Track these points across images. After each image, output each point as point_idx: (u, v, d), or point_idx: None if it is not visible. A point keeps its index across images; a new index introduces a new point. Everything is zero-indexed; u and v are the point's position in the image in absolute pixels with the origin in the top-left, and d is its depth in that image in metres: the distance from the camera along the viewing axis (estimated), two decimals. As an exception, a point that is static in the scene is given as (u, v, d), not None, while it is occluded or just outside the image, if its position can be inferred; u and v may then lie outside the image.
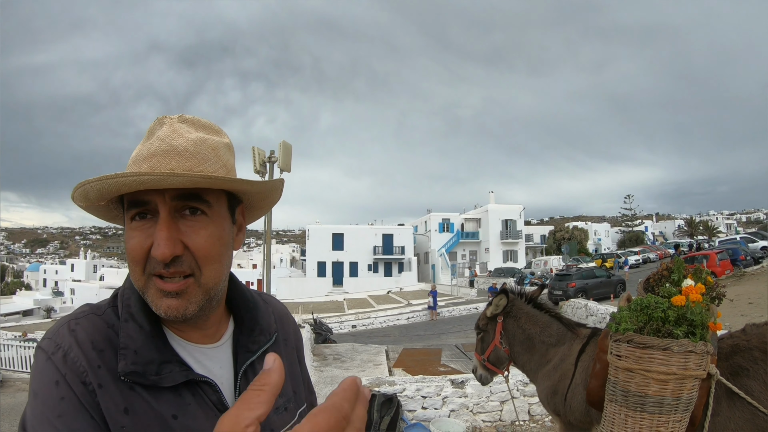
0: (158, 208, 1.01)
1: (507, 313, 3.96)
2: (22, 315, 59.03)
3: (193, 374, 1.05)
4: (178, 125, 1.07)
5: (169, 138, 1.03)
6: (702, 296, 2.78)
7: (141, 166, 1.01)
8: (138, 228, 1.02)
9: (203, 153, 1.05)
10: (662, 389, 2.55)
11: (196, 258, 1.03)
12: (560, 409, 3.53)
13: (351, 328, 30.02)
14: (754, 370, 2.80)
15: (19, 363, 19.14)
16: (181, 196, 1.02)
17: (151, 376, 0.99)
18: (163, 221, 1.00)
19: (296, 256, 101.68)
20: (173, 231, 1.01)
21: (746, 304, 16.03)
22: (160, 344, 1.04)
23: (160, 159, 1.01)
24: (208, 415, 1.05)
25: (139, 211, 1.02)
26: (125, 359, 0.98)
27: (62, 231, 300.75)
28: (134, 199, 1.01)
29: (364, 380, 8.19)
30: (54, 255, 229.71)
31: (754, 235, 42.36)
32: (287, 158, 15.35)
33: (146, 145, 1.04)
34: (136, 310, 1.05)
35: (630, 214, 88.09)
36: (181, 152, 1.02)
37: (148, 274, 1.02)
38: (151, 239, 1.00)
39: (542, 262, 52.87)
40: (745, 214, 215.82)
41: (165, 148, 1.02)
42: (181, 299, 1.02)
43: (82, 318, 1.04)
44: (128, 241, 1.02)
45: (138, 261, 1.01)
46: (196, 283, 1.04)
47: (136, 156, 1.04)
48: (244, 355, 1.18)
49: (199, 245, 1.03)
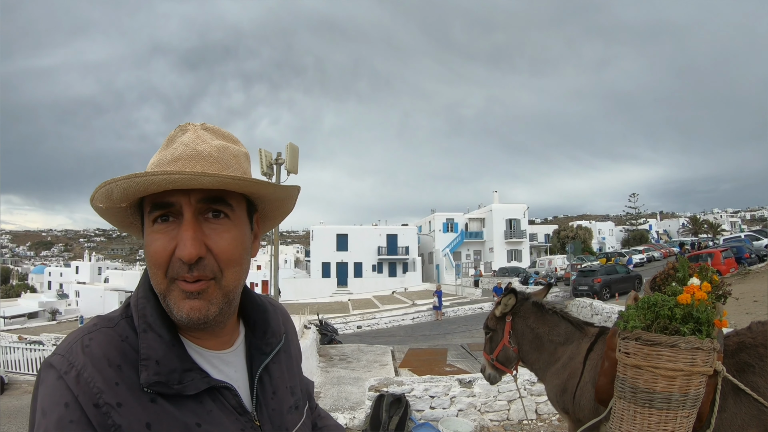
0: (183, 209, 1.02)
1: (515, 313, 3.98)
2: (27, 317, 58.99)
3: (214, 380, 1.07)
4: (202, 132, 1.10)
5: (193, 143, 1.06)
6: (708, 294, 2.82)
7: (166, 169, 1.02)
8: (161, 231, 1.03)
9: (226, 159, 1.08)
10: (670, 385, 2.58)
11: (218, 261, 1.04)
12: (569, 407, 3.55)
13: (356, 329, 29.97)
14: (759, 366, 2.83)
15: (25, 365, 19.21)
16: (206, 199, 1.04)
17: (175, 385, 1.00)
18: (189, 222, 1.02)
19: (300, 257, 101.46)
20: (198, 232, 1.02)
21: (751, 301, 16.00)
22: (180, 353, 1.05)
23: (186, 162, 1.03)
24: (230, 420, 1.08)
25: (163, 213, 1.03)
26: (147, 370, 0.98)
27: (66, 233, 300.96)
28: (159, 200, 1.02)
29: (372, 380, 8.22)
30: (58, 257, 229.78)
31: (758, 232, 42.26)
32: (294, 160, 15.37)
33: (169, 150, 1.06)
34: (153, 320, 1.05)
35: (634, 213, 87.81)
36: (206, 157, 1.04)
37: (170, 278, 1.03)
38: (175, 242, 1.01)
39: (546, 261, 52.66)
40: (749, 212, 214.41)
41: (190, 153, 1.04)
42: (202, 300, 1.03)
43: (96, 332, 1.03)
44: (151, 244, 1.03)
45: (161, 264, 1.02)
46: (217, 285, 1.05)
47: (159, 160, 1.06)
48: (259, 358, 1.22)
49: (222, 248, 1.05)
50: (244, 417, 1.11)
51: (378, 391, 7.74)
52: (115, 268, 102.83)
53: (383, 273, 65.25)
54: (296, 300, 48.83)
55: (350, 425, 7.64)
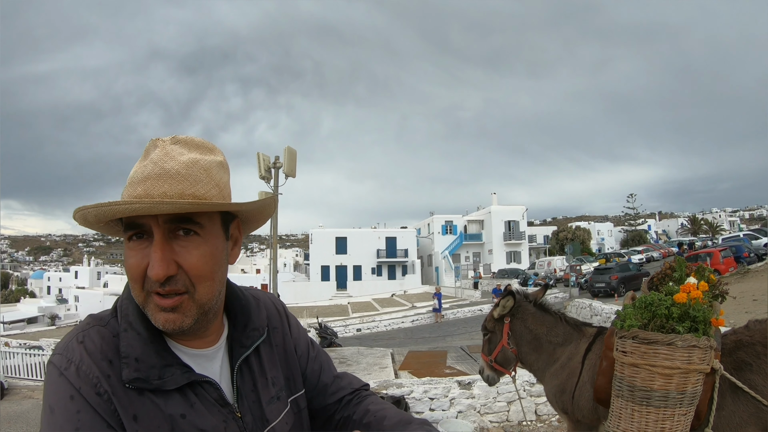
0: (152, 230, 1.07)
1: (513, 314, 3.99)
2: (26, 323, 59.06)
3: (195, 375, 1.14)
4: (170, 147, 1.12)
5: (161, 161, 1.08)
6: (704, 294, 2.83)
7: (136, 188, 1.07)
8: (135, 248, 1.09)
9: (195, 175, 1.10)
10: (667, 383, 2.60)
11: (189, 276, 1.09)
12: (568, 407, 3.57)
13: (356, 332, 29.99)
14: (757, 364, 2.85)
15: (25, 371, 19.16)
16: (174, 219, 1.08)
17: (155, 381, 1.07)
18: (157, 243, 1.06)
19: (300, 261, 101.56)
20: (167, 252, 1.07)
21: (750, 300, 15.98)
22: (160, 350, 1.12)
23: (154, 182, 1.06)
24: (212, 411, 1.14)
25: (135, 232, 1.08)
26: (128, 367, 1.06)
27: (65, 238, 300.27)
28: (130, 222, 1.07)
29: (372, 383, 8.22)
30: (58, 262, 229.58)
31: (757, 231, 42.25)
32: (292, 164, 15.42)
33: (141, 166, 1.10)
34: (133, 319, 1.13)
35: (633, 213, 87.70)
36: (173, 175, 1.07)
37: (147, 291, 1.08)
38: (148, 259, 1.07)
39: (546, 262, 52.64)
40: (747, 211, 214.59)
41: (158, 172, 1.07)
42: (177, 313, 1.09)
43: (89, 329, 1.12)
44: (127, 260, 1.09)
45: (136, 279, 1.08)
46: (190, 299, 1.10)
47: (131, 178, 1.10)
48: (239, 351, 1.28)
49: (192, 265, 1.09)
50: (226, 409, 1.17)
51: (377, 394, 7.72)
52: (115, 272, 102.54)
53: (382, 276, 65.33)
54: (296, 303, 48.88)
55: (350, 428, 7.63)
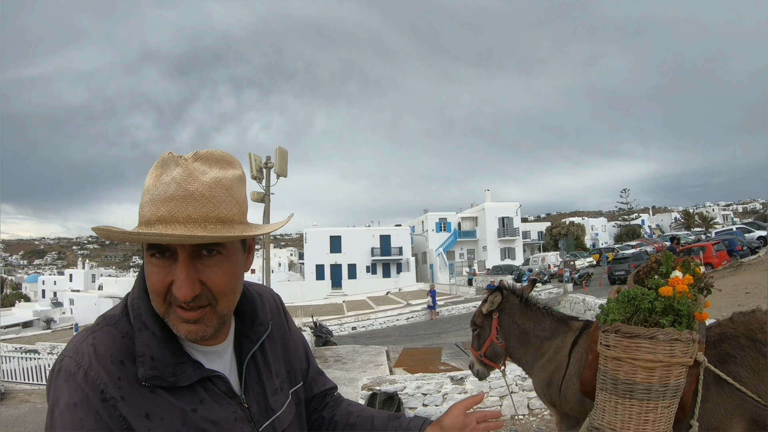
0: (177, 250, 1.09)
1: (502, 310, 4.04)
2: (21, 327, 58.83)
3: (206, 371, 1.18)
4: (193, 165, 1.11)
5: (184, 182, 1.08)
6: (690, 287, 2.86)
7: (159, 208, 1.07)
8: (158, 265, 1.10)
9: (218, 196, 1.11)
10: (650, 376, 2.63)
11: (213, 293, 1.13)
12: (555, 399, 3.60)
13: (351, 330, 30.00)
14: (741, 357, 2.89)
15: (21, 375, 19.11)
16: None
17: (169, 378, 1.11)
18: (183, 264, 1.08)
19: (294, 260, 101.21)
20: (192, 272, 1.09)
21: (743, 294, 16.04)
22: (173, 348, 1.15)
23: (178, 204, 1.07)
24: (222, 404, 1.20)
25: (159, 251, 1.10)
26: (143, 366, 1.09)
27: (59, 241, 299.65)
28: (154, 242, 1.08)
29: (366, 380, 8.26)
30: (52, 266, 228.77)
31: (750, 225, 42.37)
32: (283, 164, 15.44)
33: (162, 184, 1.09)
34: (147, 319, 1.15)
35: (626, 208, 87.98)
36: (197, 197, 1.08)
37: (168, 302, 1.11)
38: (172, 276, 1.09)
39: (540, 258, 52.71)
40: (741, 205, 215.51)
41: (181, 193, 1.07)
42: (199, 325, 1.12)
43: (99, 331, 1.14)
44: (150, 275, 1.12)
45: (159, 293, 1.10)
46: (212, 311, 1.14)
47: (153, 195, 1.09)
48: (248, 346, 1.33)
49: (216, 283, 1.12)
50: (234, 400, 1.23)
51: (371, 390, 7.78)
52: (109, 275, 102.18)
53: (377, 274, 65.32)
54: (291, 303, 48.78)
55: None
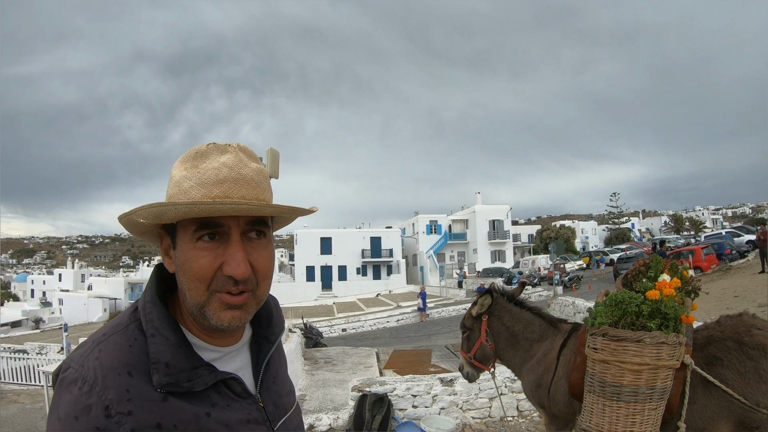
0: (230, 231, 1.11)
1: (491, 312, 4.07)
2: (10, 327, 58.42)
3: (220, 373, 1.16)
4: (241, 155, 1.17)
5: (237, 167, 1.13)
6: (677, 290, 2.90)
7: (212, 190, 1.10)
8: (206, 248, 1.10)
9: (263, 182, 1.17)
10: (636, 379, 2.67)
11: (257, 276, 1.15)
12: (544, 401, 3.63)
13: (341, 332, 29.94)
14: (728, 359, 2.93)
15: (10, 375, 19.02)
16: (252, 222, 1.14)
17: (184, 384, 1.08)
18: (238, 243, 1.11)
19: (285, 261, 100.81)
20: (245, 252, 1.12)
21: (732, 297, 16.17)
22: (188, 353, 1.13)
23: (231, 186, 1.11)
24: (235, 406, 1.17)
25: (210, 232, 1.10)
26: (158, 372, 1.06)
27: (49, 241, 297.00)
28: (210, 222, 1.09)
29: (356, 381, 8.27)
30: (41, 265, 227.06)
31: (739, 229, 42.57)
32: (275, 165, 15.36)
33: (210, 169, 1.12)
34: (160, 323, 1.12)
35: (617, 212, 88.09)
36: (248, 181, 1.13)
37: (212, 290, 1.11)
38: (221, 259, 1.10)
39: (530, 261, 52.69)
40: (730, 209, 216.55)
41: (235, 176, 1.12)
42: (242, 311, 1.13)
43: (105, 342, 1.10)
44: (196, 260, 1.10)
45: (206, 279, 1.10)
46: (253, 296, 1.15)
47: (201, 179, 1.11)
48: (266, 347, 1.33)
49: (261, 265, 1.15)
50: (248, 401, 1.21)
51: (361, 391, 7.79)
52: (99, 275, 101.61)
53: (368, 276, 65.28)
54: (281, 304, 48.51)
55: (334, 425, 7.67)
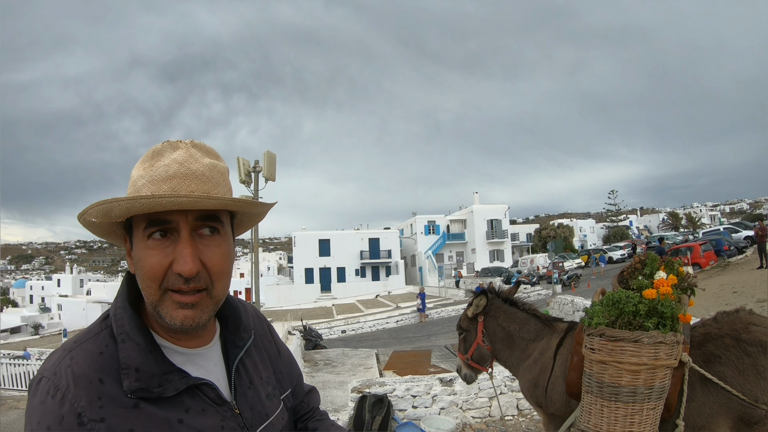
0: (179, 227, 1.10)
1: (486, 313, 4.06)
2: (9, 332, 58.41)
3: (192, 379, 1.15)
4: (193, 150, 1.16)
5: (187, 162, 1.13)
6: (673, 288, 2.89)
7: (161, 186, 1.10)
8: (156, 246, 1.10)
9: (215, 177, 1.17)
10: (635, 379, 2.65)
11: (210, 274, 1.13)
12: (542, 401, 3.62)
13: (341, 333, 29.97)
14: (725, 356, 2.92)
15: (9, 381, 19.02)
16: (202, 217, 1.13)
17: (155, 389, 1.07)
18: (186, 240, 1.10)
19: (283, 264, 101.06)
20: (195, 249, 1.11)
21: (730, 293, 16.18)
22: (158, 358, 1.12)
23: (180, 181, 1.10)
24: (209, 412, 1.16)
25: (160, 229, 1.10)
26: (128, 378, 1.05)
27: (47, 246, 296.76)
28: (157, 218, 1.09)
29: (356, 383, 8.26)
30: (39, 270, 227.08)
31: (737, 225, 42.62)
32: (271, 167, 15.45)
33: (161, 166, 1.12)
34: (130, 329, 1.11)
35: (614, 210, 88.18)
36: (199, 176, 1.13)
37: (164, 289, 1.10)
38: (171, 257, 1.09)
39: (529, 260, 52.63)
40: (728, 205, 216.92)
41: (184, 172, 1.11)
42: (195, 310, 1.11)
43: (76, 350, 1.09)
44: (146, 259, 1.09)
45: (156, 277, 1.09)
46: (208, 296, 1.14)
47: (152, 176, 1.11)
48: (234, 351, 1.32)
49: (214, 263, 1.14)
50: (223, 407, 1.19)
51: (360, 393, 7.76)
52: (97, 280, 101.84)
53: (366, 277, 65.20)
54: (280, 307, 48.74)
55: (334, 428, 7.66)
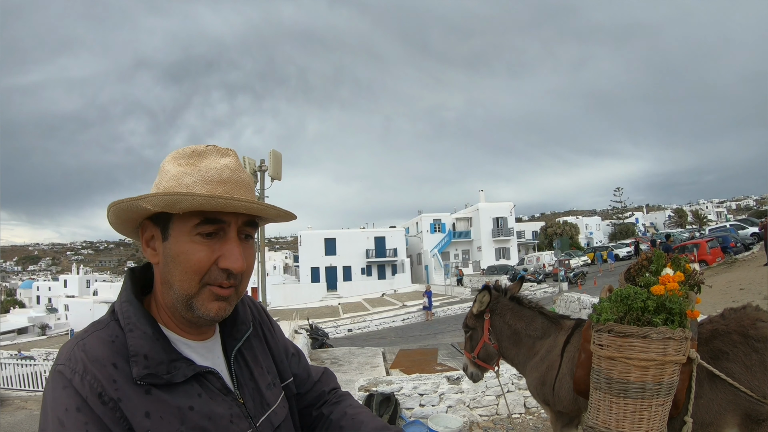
0: (229, 228, 1.20)
1: (493, 310, 4.06)
2: (17, 333, 58.64)
3: (199, 367, 1.21)
4: (238, 160, 1.28)
5: (238, 170, 1.23)
6: (680, 284, 2.88)
7: (216, 188, 1.18)
8: (206, 243, 1.18)
9: (253, 188, 1.30)
10: (643, 375, 2.65)
11: (243, 274, 1.23)
12: (549, 398, 3.62)
13: (347, 332, 29.96)
14: (733, 353, 2.91)
15: (17, 381, 19.08)
16: (247, 222, 1.23)
17: (164, 375, 1.13)
18: (236, 240, 1.21)
19: (289, 263, 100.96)
20: (241, 249, 1.22)
21: (737, 290, 16.12)
22: (165, 345, 1.18)
23: (233, 187, 1.20)
24: (217, 400, 1.22)
25: (213, 228, 1.18)
26: (138, 365, 1.11)
27: (53, 247, 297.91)
28: (213, 217, 1.17)
29: (362, 381, 8.26)
30: (46, 271, 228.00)
31: (743, 221, 42.52)
32: (277, 167, 15.44)
33: (212, 169, 1.20)
34: (137, 319, 1.17)
35: (620, 207, 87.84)
36: (247, 185, 1.24)
37: (204, 282, 1.18)
38: (217, 254, 1.18)
39: (535, 258, 52.53)
40: (734, 202, 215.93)
41: (236, 179, 1.22)
42: (227, 302, 1.22)
43: (88, 337, 1.15)
44: (194, 253, 1.16)
45: (201, 271, 1.17)
46: (236, 291, 1.24)
47: (204, 177, 1.19)
48: (232, 343, 1.39)
49: (249, 263, 1.25)
50: (229, 396, 1.26)
51: (368, 391, 7.77)
52: (104, 280, 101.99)
53: (372, 276, 65.27)
54: (286, 306, 48.82)
55: (341, 427, 7.67)
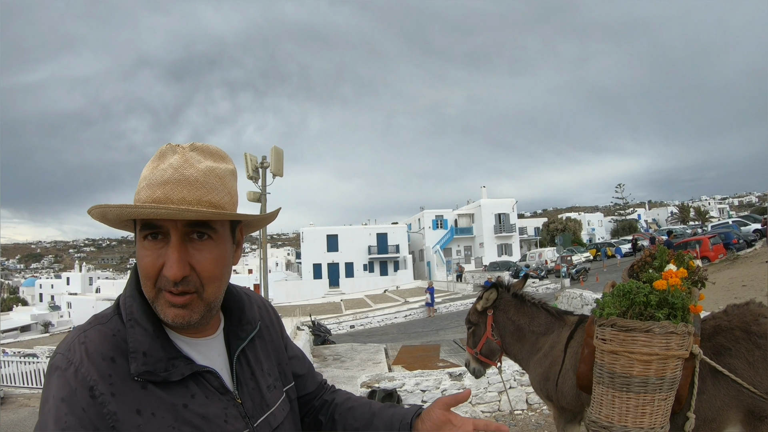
0: (170, 232, 1.14)
1: (496, 307, 4.05)
2: (20, 331, 58.71)
3: (197, 366, 1.20)
4: (190, 154, 1.19)
5: (181, 167, 1.16)
6: (683, 280, 2.88)
7: (155, 191, 1.14)
8: (150, 248, 1.15)
9: (211, 182, 1.19)
10: (646, 369, 2.64)
11: (201, 278, 1.17)
12: (552, 394, 3.62)
13: (349, 329, 30.03)
14: (736, 349, 2.92)
15: (20, 379, 19.10)
16: (192, 224, 1.16)
17: (161, 373, 1.13)
18: (174, 245, 1.13)
19: (291, 260, 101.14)
20: (183, 254, 1.14)
21: (740, 286, 16.10)
22: (165, 343, 1.18)
23: (173, 187, 1.14)
24: (213, 399, 1.21)
25: (152, 232, 1.15)
26: (136, 361, 1.11)
27: (56, 245, 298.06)
28: (148, 223, 1.14)
29: (364, 378, 8.27)
30: (49, 269, 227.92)
31: (746, 218, 42.50)
32: (279, 163, 15.46)
33: (159, 170, 1.16)
34: (139, 316, 1.17)
35: (622, 203, 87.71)
36: (192, 182, 1.15)
37: (158, 288, 1.15)
38: (163, 259, 1.14)
39: (537, 254, 52.56)
40: (737, 198, 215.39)
41: (177, 177, 1.14)
42: (186, 310, 1.16)
43: (90, 330, 1.16)
44: (141, 259, 1.15)
45: (150, 277, 1.14)
46: (199, 298, 1.17)
47: (150, 180, 1.16)
48: (236, 343, 1.37)
49: (204, 267, 1.17)
50: (226, 396, 1.25)
51: (370, 387, 7.77)
52: (106, 277, 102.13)
53: (374, 272, 65.29)
54: (288, 302, 48.78)
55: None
